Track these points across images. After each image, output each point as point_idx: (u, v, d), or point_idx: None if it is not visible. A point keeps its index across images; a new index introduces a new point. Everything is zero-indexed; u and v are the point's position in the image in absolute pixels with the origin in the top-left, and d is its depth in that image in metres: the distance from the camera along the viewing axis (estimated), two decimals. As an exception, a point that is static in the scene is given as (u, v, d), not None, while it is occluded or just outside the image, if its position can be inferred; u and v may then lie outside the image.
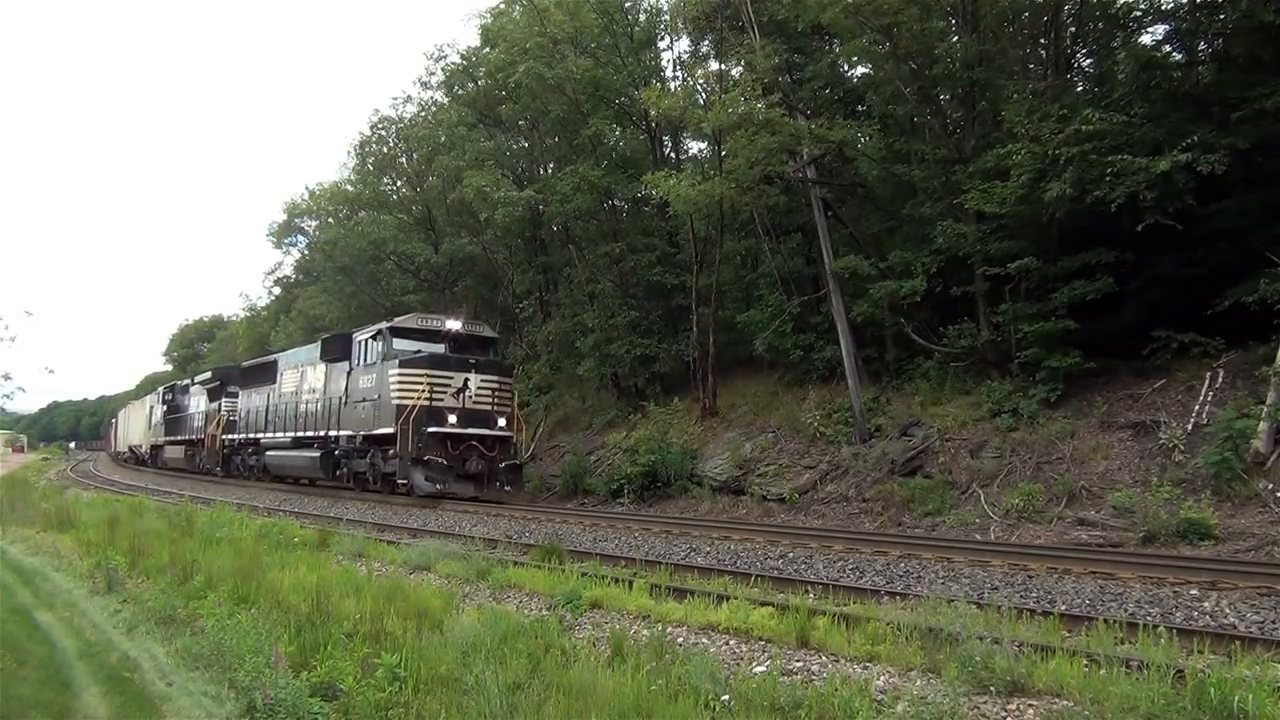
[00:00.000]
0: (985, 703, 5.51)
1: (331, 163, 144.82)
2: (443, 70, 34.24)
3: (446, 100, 36.15)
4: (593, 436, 27.61)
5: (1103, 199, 15.07)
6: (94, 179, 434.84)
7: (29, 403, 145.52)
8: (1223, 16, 16.06)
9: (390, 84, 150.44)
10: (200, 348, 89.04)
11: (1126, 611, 7.76)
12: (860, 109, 24.21)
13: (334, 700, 5.72)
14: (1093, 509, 14.48)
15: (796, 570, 10.55)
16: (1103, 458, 15.50)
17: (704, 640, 7.27)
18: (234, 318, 75.99)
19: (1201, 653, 6.30)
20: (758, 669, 6.33)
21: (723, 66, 25.49)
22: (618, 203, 32.06)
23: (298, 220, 46.43)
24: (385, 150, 38.90)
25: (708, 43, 27.32)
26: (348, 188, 43.28)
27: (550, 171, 32.97)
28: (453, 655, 6.41)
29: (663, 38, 31.52)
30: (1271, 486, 13.25)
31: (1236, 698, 4.87)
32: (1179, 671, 5.40)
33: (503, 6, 34.04)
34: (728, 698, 5.62)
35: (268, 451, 28.28)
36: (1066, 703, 5.37)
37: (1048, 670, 5.78)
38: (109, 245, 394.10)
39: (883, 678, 6.11)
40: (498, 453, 20.55)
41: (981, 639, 6.02)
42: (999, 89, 19.03)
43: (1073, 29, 19.67)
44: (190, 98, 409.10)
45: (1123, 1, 18.48)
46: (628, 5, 31.32)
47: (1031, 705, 5.45)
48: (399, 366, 20.48)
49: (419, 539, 13.81)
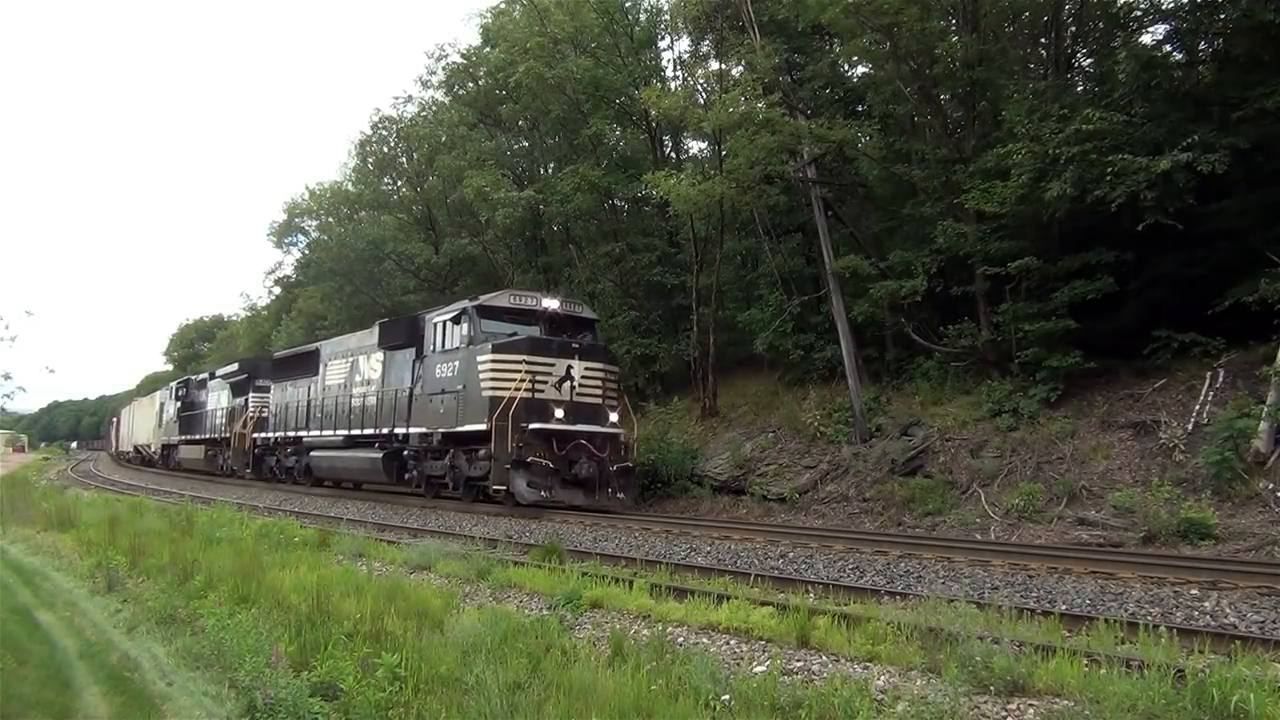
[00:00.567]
0: (985, 702, 5.51)
1: (332, 162, 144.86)
2: (443, 69, 34.25)
3: (447, 100, 36.13)
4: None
5: (1103, 199, 15.06)
6: (94, 179, 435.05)
7: (29, 402, 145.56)
8: (1223, 16, 16.05)
9: (390, 84, 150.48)
10: (200, 347, 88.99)
11: (1127, 611, 7.76)
12: (860, 109, 24.20)
13: (334, 700, 5.71)
14: (1093, 509, 14.47)
15: (797, 570, 10.54)
16: (1103, 457, 15.50)
17: (704, 640, 7.27)
18: (234, 317, 75.99)
19: (1202, 652, 6.30)
20: (758, 669, 6.33)
21: (723, 66, 25.48)
22: (618, 202, 32.06)
23: (298, 220, 46.40)
24: (385, 150, 38.90)
25: (708, 42, 27.34)
26: (348, 187, 43.27)
27: (550, 171, 32.98)
28: (453, 655, 6.41)
29: (663, 37, 31.55)
30: (1272, 486, 13.24)
31: (1237, 697, 4.87)
32: (1179, 671, 5.40)
33: (503, 6, 34.04)
34: (728, 697, 5.62)
35: (312, 452, 25.32)
36: (1067, 702, 5.36)
37: (1048, 670, 5.78)
38: (109, 245, 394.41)
39: (883, 677, 6.11)
40: (609, 453, 17.46)
41: (982, 639, 6.02)
42: (999, 88, 19.02)
43: (1073, 29, 19.67)
44: (191, 98, 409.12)
45: (1123, 1, 18.48)
46: (628, 5, 31.31)
47: (1032, 705, 5.44)
48: (492, 352, 17.23)
49: (419, 539, 13.81)
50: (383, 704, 5.54)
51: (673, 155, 31.35)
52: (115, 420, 70.67)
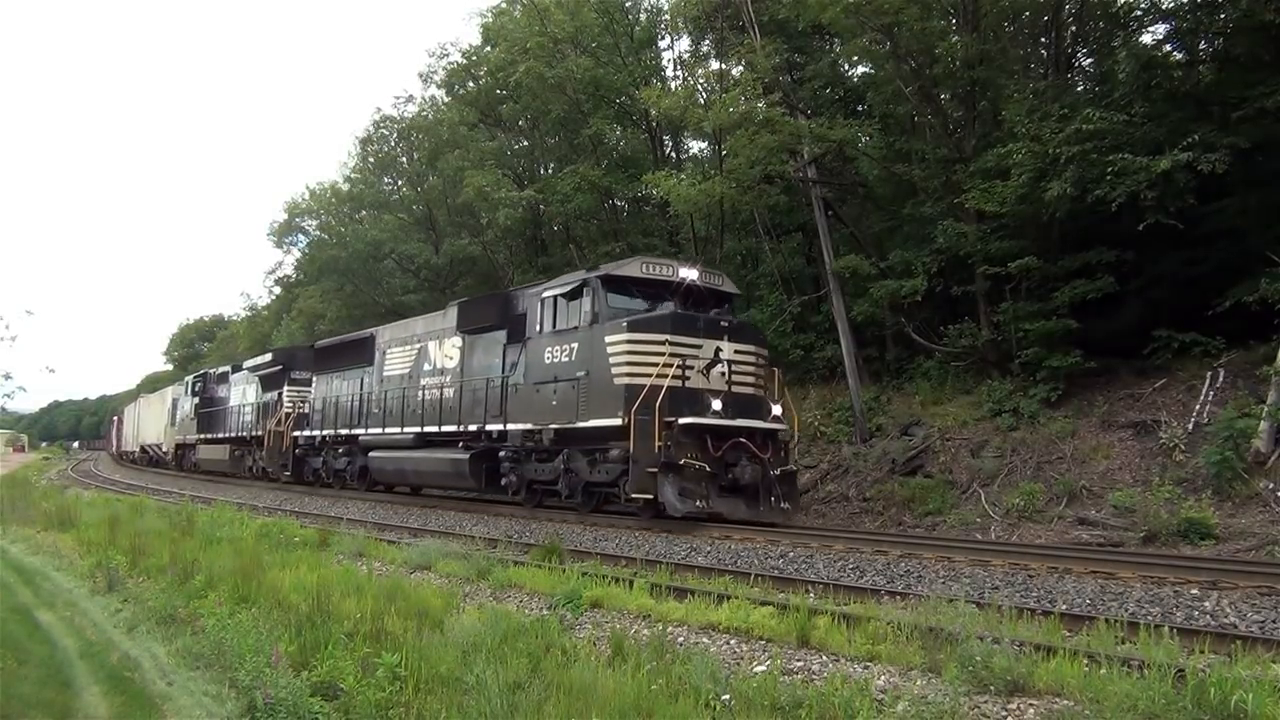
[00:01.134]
0: (986, 702, 5.51)
1: (332, 162, 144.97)
2: (445, 68, 34.25)
3: (448, 99, 36.15)
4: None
5: (1103, 198, 15.06)
6: (95, 179, 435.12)
7: (30, 402, 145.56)
8: (1223, 16, 16.06)
9: (391, 84, 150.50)
10: (200, 347, 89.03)
11: (1127, 611, 7.75)
12: (860, 108, 24.21)
13: (334, 700, 5.72)
14: (1093, 508, 14.48)
15: (797, 570, 10.54)
16: (1103, 457, 15.50)
17: (704, 640, 7.27)
18: (234, 317, 75.96)
19: (1202, 652, 6.30)
20: (758, 668, 6.33)
21: (723, 66, 25.48)
22: (618, 202, 32.07)
23: (298, 220, 46.40)
24: (386, 150, 38.92)
25: (708, 42, 27.35)
26: (344, 186, 43.23)
27: (550, 171, 32.99)
28: (453, 655, 6.41)
29: (663, 37, 31.55)
30: (1272, 486, 13.25)
31: (1237, 697, 4.87)
32: (1180, 671, 5.40)
33: (504, 5, 34.05)
34: (728, 697, 5.63)
35: (372, 452, 21.93)
36: (1067, 702, 5.36)
37: (1048, 670, 5.78)
38: (109, 245, 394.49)
39: (883, 677, 6.11)
40: (771, 454, 14.33)
41: (982, 639, 6.02)
42: (999, 88, 19.03)
43: (1073, 28, 19.67)
44: (191, 97, 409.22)
45: (1123, 1, 18.48)
46: (628, 5, 31.33)
47: (1032, 705, 5.44)
48: (627, 331, 14.20)
49: (419, 538, 13.82)
50: (383, 704, 5.54)
51: (673, 155, 31.36)
52: (116, 419, 69.31)
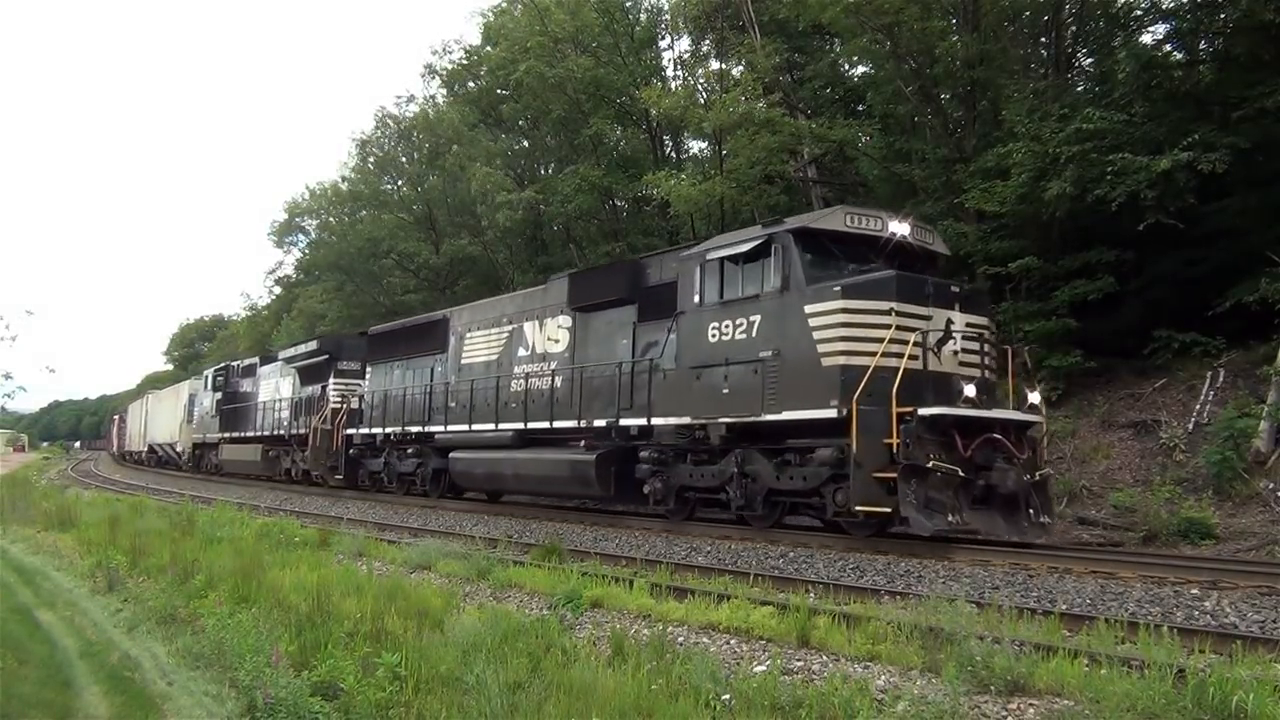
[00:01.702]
0: (986, 702, 5.51)
1: (332, 162, 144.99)
2: (447, 64, 34.29)
3: (448, 99, 36.19)
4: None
5: (1103, 198, 15.07)
6: (95, 178, 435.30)
7: (30, 402, 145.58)
8: (1223, 16, 16.07)
9: (391, 84, 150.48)
10: (201, 347, 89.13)
11: (1127, 611, 7.75)
12: (860, 108, 24.23)
13: (335, 699, 5.72)
14: (1093, 508, 14.48)
15: (797, 570, 10.54)
16: (1104, 457, 15.50)
17: (704, 639, 7.27)
18: (235, 317, 76.00)
19: (1202, 652, 6.30)
20: (758, 668, 6.32)
21: (723, 66, 25.50)
22: (618, 202, 32.09)
23: (298, 219, 46.45)
24: (386, 150, 38.96)
25: (708, 42, 27.37)
26: (344, 185, 43.26)
27: (550, 171, 33.02)
28: (453, 654, 6.41)
29: (663, 37, 31.60)
30: (1272, 486, 13.25)
31: (1237, 697, 4.87)
32: (1180, 671, 5.40)
33: (504, 4, 34.09)
34: (728, 697, 5.63)
35: (454, 453, 18.71)
36: (1067, 702, 5.36)
37: (1048, 670, 5.78)
38: (110, 245, 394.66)
39: (883, 677, 6.11)
40: (1026, 454, 11.26)
41: (982, 638, 6.02)
42: (999, 88, 19.04)
43: (1073, 28, 19.68)
44: (191, 97, 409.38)
45: (1123, 1, 18.49)
46: (628, 4, 31.35)
47: (1032, 705, 5.44)
48: (843, 297, 11.03)
49: (420, 538, 13.81)
50: (383, 703, 5.54)
51: (673, 155, 31.38)
52: (118, 418, 67.81)
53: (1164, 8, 18.39)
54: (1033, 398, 11.87)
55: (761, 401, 11.87)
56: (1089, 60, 20.59)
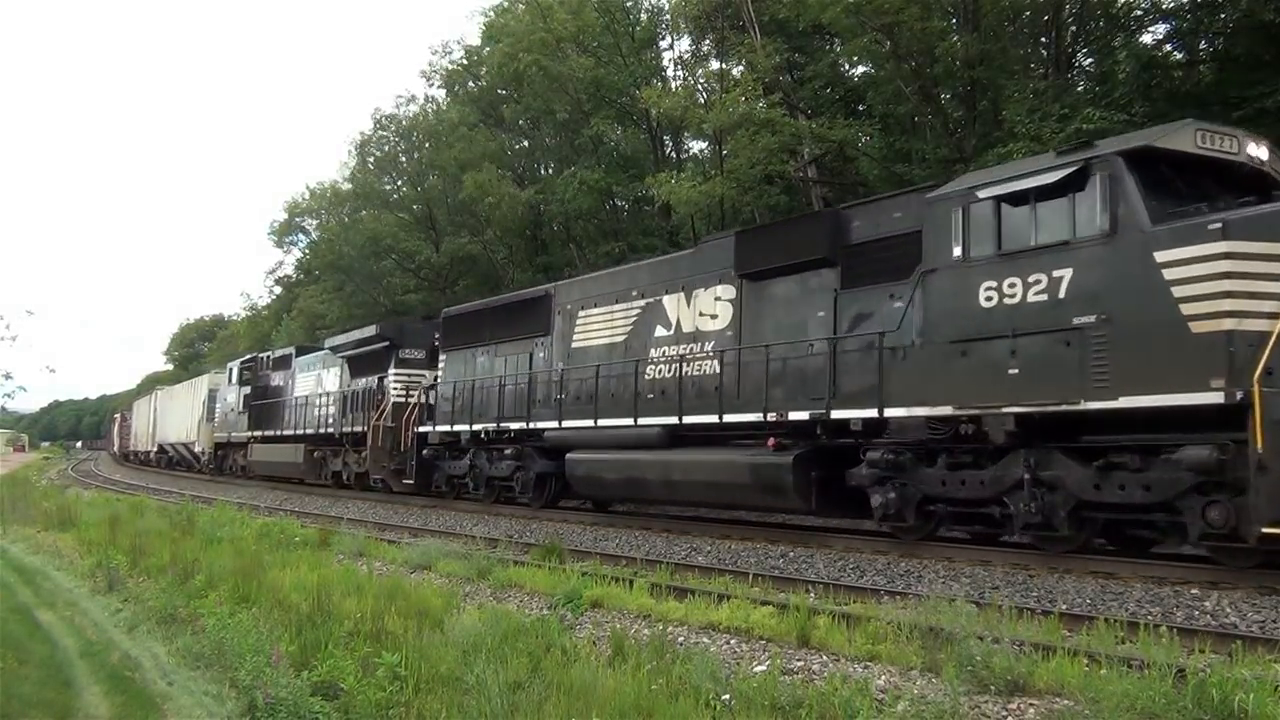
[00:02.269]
0: (986, 702, 5.51)
1: (332, 162, 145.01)
2: (448, 63, 34.31)
3: (448, 99, 36.22)
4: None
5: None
6: (95, 178, 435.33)
7: (30, 402, 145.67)
8: (1223, 15, 16.08)
9: (391, 84, 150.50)
10: (201, 347, 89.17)
11: (1127, 611, 7.75)
12: (861, 108, 24.23)
13: (335, 699, 5.72)
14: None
15: (797, 569, 10.54)
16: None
17: (705, 639, 7.28)
18: (235, 317, 76.02)
19: (1203, 652, 6.30)
20: (758, 668, 6.33)
21: (723, 66, 25.51)
22: (619, 202, 32.11)
23: (298, 219, 46.49)
24: (385, 150, 38.99)
25: (709, 42, 27.38)
26: (345, 186, 43.31)
27: (550, 172, 33.04)
28: (453, 654, 6.41)
29: (664, 37, 31.62)
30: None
31: (1237, 697, 4.87)
32: (1180, 671, 5.40)
33: (506, 4, 34.12)
34: (728, 697, 5.63)
35: (573, 454, 15.52)
36: (1067, 702, 5.36)
37: (1048, 669, 5.78)
38: (110, 245, 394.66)
39: (883, 677, 6.11)
40: None
41: (982, 638, 6.02)
42: (1000, 88, 19.05)
43: (1073, 28, 19.69)
44: (191, 97, 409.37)
45: (1123, 1, 18.50)
46: (629, 4, 31.37)
47: (1032, 705, 5.45)
48: (1223, 238, 8.29)
49: (420, 538, 13.81)
50: (383, 703, 5.54)
51: (673, 155, 31.40)
52: (120, 417, 65.87)
53: (1164, 8, 18.39)
54: None
55: (1082, 384, 9.01)
56: (1089, 60, 20.60)
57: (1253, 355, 7.91)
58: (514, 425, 17.08)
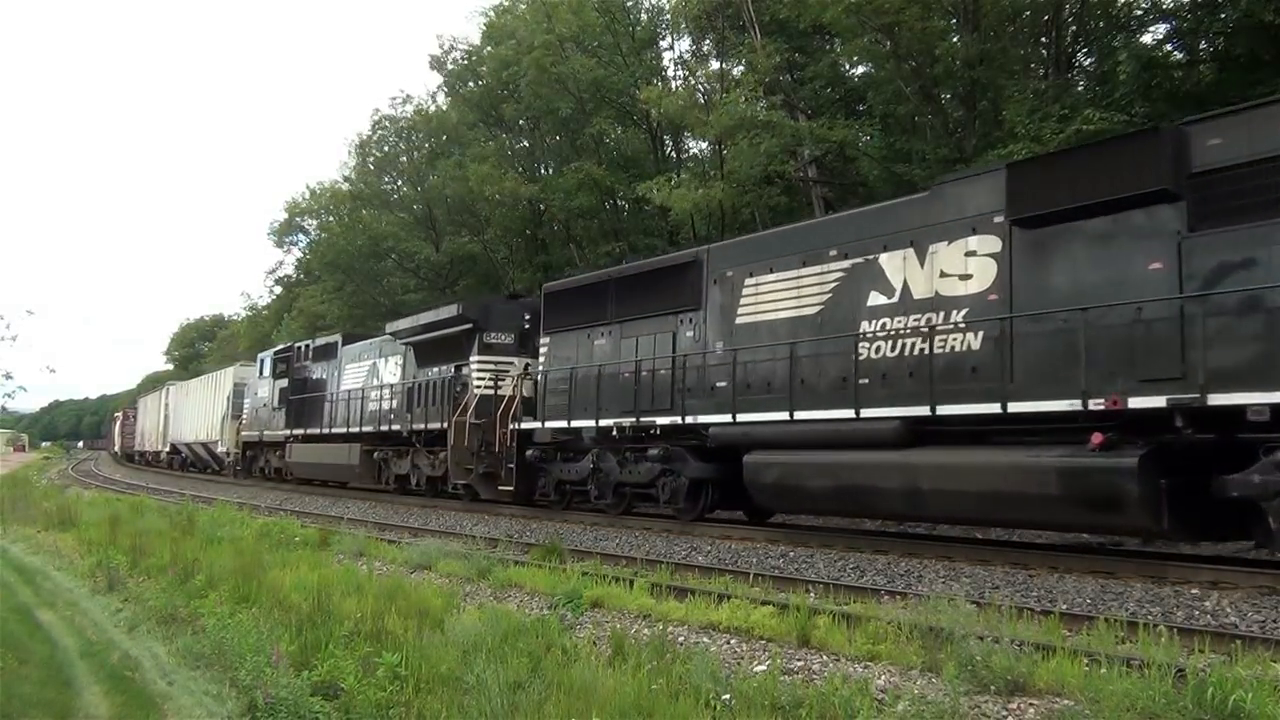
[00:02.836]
0: (986, 701, 5.51)
1: (332, 162, 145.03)
2: (450, 63, 34.30)
3: (449, 99, 36.23)
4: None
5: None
6: (95, 179, 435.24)
7: (30, 402, 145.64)
8: (1223, 15, 16.07)
9: (390, 83, 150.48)
10: (201, 347, 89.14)
11: (1127, 611, 7.76)
12: (861, 108, 24.23)
13: (335, 699, 5.72)
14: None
15: (797, 569, 10.55)
16: (1104, 457, 15.38)
17: (705, 639, 7.28)
18: (235, 317, 75.98)
19: (1202, 652, 6.30)
20: (758, 668, 6.33)
21: (723, 66, 25.52)
22: (619, 202, 32.13)
23: (299, 219, 46.48)
24: (385, 150, 39.01)
25: (709, 42, 27.39)
26: (345, 186, 43.31)
27: (551, 172, 33.07)
28: (454, 654, 6.41)
29: (664, 37, 31.63)
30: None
31: (1236, 697, 4.87)
32: (1180, 670, 5.40)
33: (506, 4, 34.14)
34: (729, 697, 5.63)
35: (753, 455, 12.50)
36: (1067, 702, 5.37)
37: (1048, 669, 5.78)
38: (110, 245, 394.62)
39: (884, 677, 6.12)
40: None
41: (982, 638, 6.03)
42: (1000, 88, 19.04)
43: (1073, 28, 19.69)
44: (191, 97, 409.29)
45: (1123, 1, 18.50)
46: (629, 4, 31.39)
47: (1032, 704, 5.45)
48: None
49: (420, 538, 13.82)
50: (383, 703, 5.54)
51: (673, 155, 31.41)
52: (122, 415, 63.68)
53: (1164, 8, 18.39)
54: None
55: None
56: (1089, 60, 20.60)
57: None
58: (662, 420, 14.08)
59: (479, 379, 18.30)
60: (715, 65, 26.66)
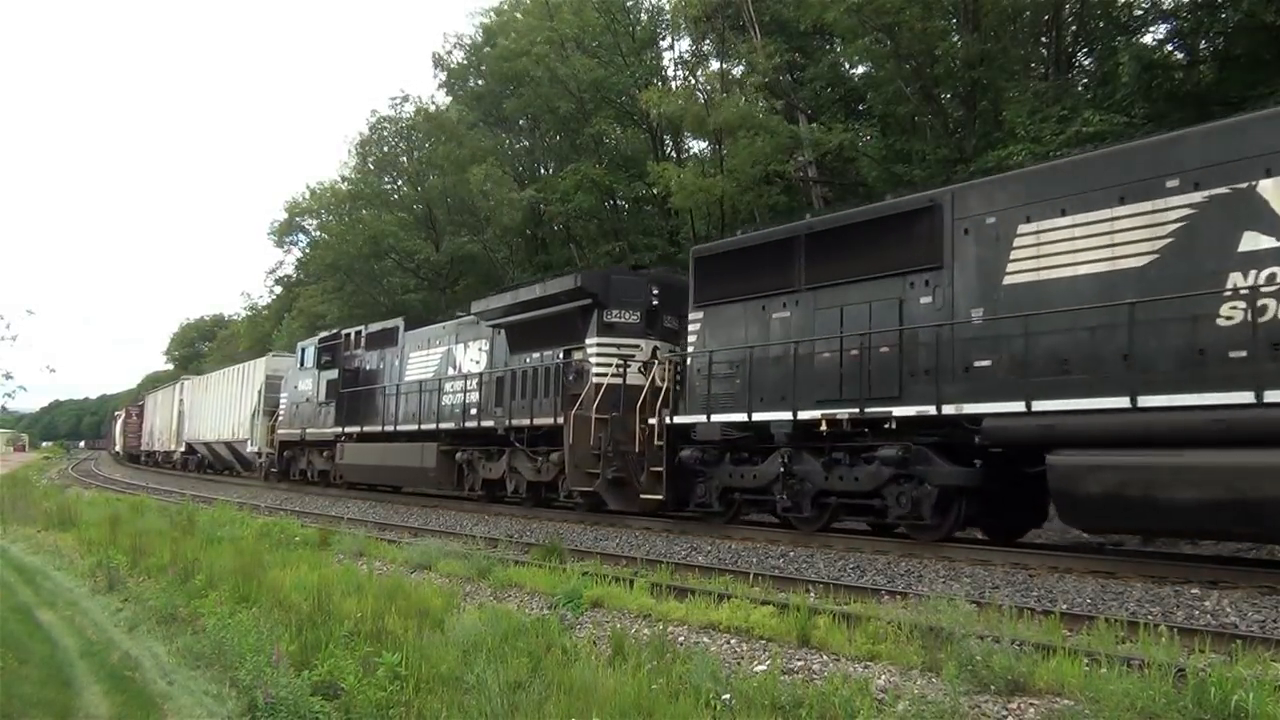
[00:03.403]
0: (986, 701, 5.51)
1: (332, 162, 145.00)
2: (452, 62, 34.32)
3: (449, 98, 36.28)
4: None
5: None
6: (96, 178, 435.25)
7: (30, 402, 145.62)
8: (1224, 15, 16.08)
9: (392, 83, 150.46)
10: (201, 347, 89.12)
11: (1127, 610, 7.76)
12: (861, 108, 24.24)
13: (335, 699, 5.73)
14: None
15: (797, 569, 10.54)
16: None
17: (705, 639, 7.28)
18: (235, 317, 75.97)
19: (1203, 651, 6.30)
20: (759, 668, 6.33)
21: (723, 66, 25.54)
22: (619, 202, 32.14)
23: (299, 219, 46.48)
24: (385, 150, 39.00)
25: (709, 42, 27.40)
26: (344, 186, 43.28)
27: (550, 171, 33.10)
28: (454, 654, 6.42)
29: (664, 37, 31.65)
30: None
31: (1237, 696, 4.87)
32: (1180, 670, 5.40)
33: (505, 5, 34.17)
34: (729, 697, 5.63)
35: (1068, 454, 9.28)
36: (1068, 702, 5.36)
37: (1049, 669, 5.78)
38: (110, 244, 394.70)
39: (883, 677, 6.12)
40: None
41: (982, 638, 6.03)
42: (1000, 90, 19.05)
43: (1074, 28, 19.70)
44: (192, 97, 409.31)
45: (1123, 1, 18.51)
46: (629, 4, 31.41)
47: (1032, 704, 5.45)
48: None
49: (420, 538, 13.81)
50: (383, 703, 5.54)
51: (673, 155, 31.44)
52: (125, 413, 61.39)
53: (1164, 8, 18.40)
54: None
55: None
56: (1089, 60, 20.61)
57: None
58: (902, 410, 10.87)
59: (599, 365, 15.35)
60: (715, 65, 26.70)
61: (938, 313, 10.87)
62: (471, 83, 34.79)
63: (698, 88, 27.38)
